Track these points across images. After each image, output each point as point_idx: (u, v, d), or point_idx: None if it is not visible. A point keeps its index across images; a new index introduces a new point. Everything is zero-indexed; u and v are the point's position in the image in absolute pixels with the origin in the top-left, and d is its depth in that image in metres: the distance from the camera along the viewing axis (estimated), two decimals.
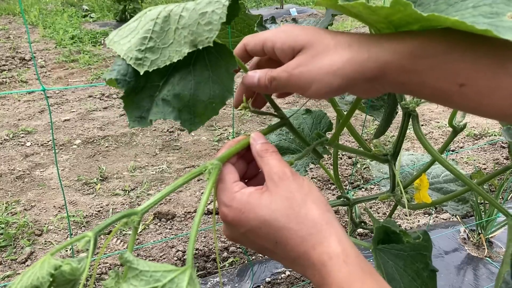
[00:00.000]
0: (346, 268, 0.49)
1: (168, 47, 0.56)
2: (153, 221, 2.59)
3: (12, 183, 2.91)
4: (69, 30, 6.06)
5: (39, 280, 0.44)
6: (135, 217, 0.50)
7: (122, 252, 0.47)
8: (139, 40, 0.57)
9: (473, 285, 2.02)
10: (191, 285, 0.46)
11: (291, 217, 0.53)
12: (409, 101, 0.93)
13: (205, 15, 0.52)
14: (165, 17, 0.56)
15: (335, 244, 0.51)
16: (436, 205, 1.05)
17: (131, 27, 0.60)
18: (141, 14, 0.61)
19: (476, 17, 0.48)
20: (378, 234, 0.85)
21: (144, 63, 0.56)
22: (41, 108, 3.95)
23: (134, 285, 0.45)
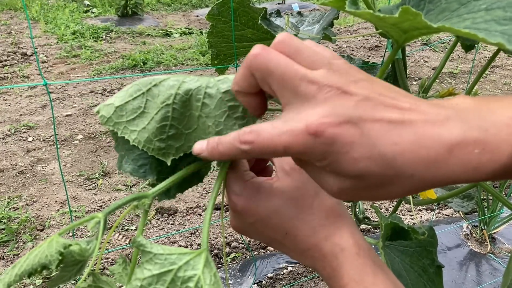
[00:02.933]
0: (359, 261, 0.48)
1: (193, 132, 0.51)
2: (155, 216, 2.58)
3: (14, 178, 2.90)
4: (70, 26, 6.04)
5: (47, 258, 0.43)
6: (146, 200, 0.49)
7: (134, 237, 0.45)
8: (157, 130, 0.51)
9: (476, 281, 2.02)
10: (208, 267, 0.45)
11: (304, 208, 0.52)
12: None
13: (237, 109, 0.49)
14: (184, 101, 0.50)
15: (348, 236, 0.50)
16: (441, 201, 1.04)
17: (134, 107, 0.52)
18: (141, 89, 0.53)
19: (488, 23, 0.47)
20: (386, 230, 0.84)
21: (169, 151, 0.52)
22: (42, 103, 3.94)
23: (148, 269, 0.44)
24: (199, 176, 0.57)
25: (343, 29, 6.47)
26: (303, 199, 0.52)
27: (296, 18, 1.06)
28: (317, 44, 0.42)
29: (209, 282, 0.43)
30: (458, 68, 4.86)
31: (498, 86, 4.49)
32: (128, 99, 0.53)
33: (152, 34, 6.10)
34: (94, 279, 0.47)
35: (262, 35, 0.92)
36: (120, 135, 0.52)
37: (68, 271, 0.45)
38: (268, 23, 0.85)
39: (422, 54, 5.29)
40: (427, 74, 4.73)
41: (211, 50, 1.01)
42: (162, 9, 7.67)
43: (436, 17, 0.57)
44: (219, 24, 0.92)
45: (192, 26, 6.64)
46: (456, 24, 0.50)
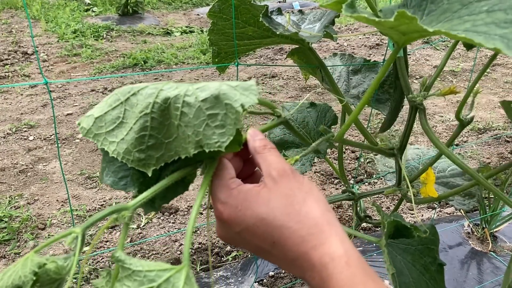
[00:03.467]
0: (349, 271, 0.47)
1: (173, 141, 0.49)
2: (156, 215, 2.58)
3: (15, 177, 2.91)
4: (71, 24, 6.04)
5: (21, 279, 0.41)
6: (126, 212, 0.47)
7: (114, 253, 0.44)
8: (136, 140, 0.49)
9: (477, 280, 2.01)
10: (188, 284, 0.44)
11: (291, 216, 0.51)
12: (416, 94, 0.92)
13: (216, 117, 0.47)
14: (162, 110, 0.48)
15: (337, 245, 0.49)
16: (442, 199, 1.04)
17: (113, 117, 0.51)
18: (120, 99, 0.52)
19: (489, 25, 0.47)
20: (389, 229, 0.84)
21: (149, 162, 0.50)
22: (43, 102, 3.94)
23: (127, 285, 0.43)
24: (184, 184, 0.55)
25: (344, 28, 6.46)
26: (291, 206, 0.51)
27: (297, 16, 1.06)
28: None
29: None
30: (459, 67, 4.85)
31: (499, 85, 4.48)
32: (107, 109, 0.52)
33: (153, 32, 6.09)
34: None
35: (264, 32, 0.92)
36: (100, 147, 0.51)
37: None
38: (269, 21, 0.84)
39: (423, 53, 5.28)
40: (428, 72, 4.72)
41: (212, 48, 1.00)
42: (163, 7, 7.66)
43: (438, 17, 0.57)
44: (220, 21, 0.92)
45: (192, 25, 6.63)
46: (456, 26, 0.50)
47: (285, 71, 4.69)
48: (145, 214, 0.52)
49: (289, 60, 1.18)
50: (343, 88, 1.25)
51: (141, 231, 2.44)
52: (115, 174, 0.53)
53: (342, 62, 1.29)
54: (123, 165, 0.53)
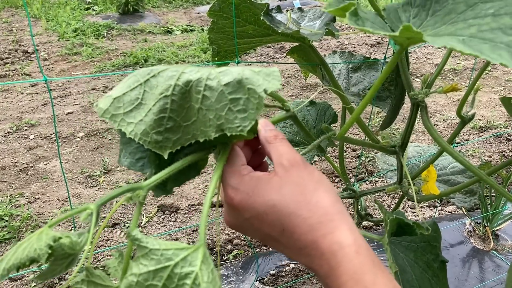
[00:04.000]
0: (358, 259, 0.47)
1: (191, 124, 0.49)
2: (157, 213, 2.58)
3: (15, 175, 2.91)
4: (72, 23, 6.03)
5: (36, 252, 0.41)
6: (141, 191, 0.47)
7: (130, 232, 0.44)
8: (154, 122, 0.49)
9: (479, 278, 2.01)
10: (205, 263, 0.44)
11: (302, 204, 0.51)
12: (417, 92, 0.92)
13: (238, 102, 0.47)
14: (183, 93, 0.48)
15: (347, 234, 0.49)
16: (443, 197, 1.04)
17: (131, 98, 0.51)
18: (139, 80, 0.51)
19: (494, 31, 0.46)
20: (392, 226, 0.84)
21: (166, 144, 0.50)
22: (44, 101, 3.94)
23: (144, 264, 0.43)
24: (196, 169, 0.55)
25: (344, 26, 6.45)
26: (302, 195, 0.51)
27: (297, 14, 1.05)
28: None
29: (207, 280, 0.42)
30: (460, 65, 4.84)
31: (500, 83, 4.47)
32: (126, 90, 0.51)
33: (153, 31, 6.09)
34: (87, 273, 0.46)
35: (264, 31, 0.92)
36: (117, 128, 0.51)
37: (59, 265, 0.44)
38: (270, 19, 0.84)
39: (424, 51, 5.28)
40: (429, 71, 4.71)
41: (211, 47, 1.00)
42: (163, 6, 7.65)
43: (442, 18, 0.56)
44: (220, 20, 0.92)
45: (193, 23, 6.62)
46: (460, 31, 0.49)
47: (286, 69, 4.68)
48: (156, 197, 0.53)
49: (290, 58, 1.18)
50: (343, 86, 1.24)
51: (142, 230, 2.44)
52: (132, 156, 0.53)
53: (342, 60, 1.29)
54: (140, 147, 0.53)
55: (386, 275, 0.48)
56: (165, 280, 0.42)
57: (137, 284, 0.42)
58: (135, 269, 0.43)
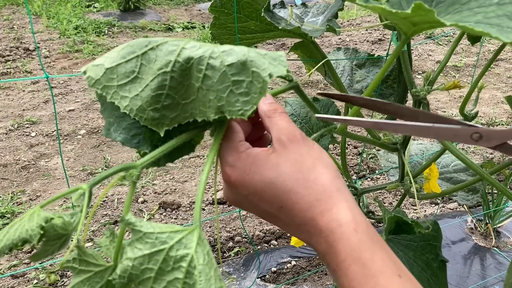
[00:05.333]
0: (356, 236, 0.47)
1: (190, 102, 0.47)
2: (159, 211, 2.58)
3: (17, 173, 2.91)
4: (73, 20, 6.03)
5: (28, 232, 0.41)
6: (134, 170, 0.46)
7: (124, 216, 0.43)
8: (152, 98, 0.47)
9: (481, 275, 2.01)
10: (201, 245, 0.43)
11: (300, 181, 0.50)
12: (420, 89, 0.91)
13: (241, 84, 0.45)
14: (183, 70, 0.46)
15: (345, 211, 0.48)
16: (446, 195, 1.03)
17: (127, 71, 0.48)
18: (136, 51, 0.49)
19: (501, 18, 0.46)
20: (390, 224, 0.83)
21: (163, 122, 0.48)
22: (45, 98, 3.94)
23: (139, 248, 0.42)
24: (191, 145, 0.54)
25: (346, 23, 6.43)
26: (300, 172, 0.51)
27: (301, 10, 1.05)
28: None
29: (203, 262, 0.42)
30: (462, 62, 4.83)
31: (502, 80, 4.46)
32: (120, 61, 0.49)
33: (155, 28, 6.08)
34: (79, 252, 0.45)
35: (266, 26, 0.91)
36: (109, 100, 0.48)
37: (51, 245, 0.44)
38: (271, 15, 0.84)
39: (426, 48, 5.26)
40: (431, 67, 4.70)
41: (214, 42, 1.00)
42: (164, 3, 7.64)
43: (446, 9, 0.56)
44: (222, 16, 0.91)
45: (194, 20, 6.61)
46: (466, 18, 0.49)
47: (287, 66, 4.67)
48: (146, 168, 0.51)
49: (291, 55, 1.17)
50: (347, 83, 1.24)
51: None
52: (127, 131, 0.51)
53: (346, 56, 1.28)
54: (135, 123, 0.51)
55: (385, 251, 0.47)
56: (160, 263, 0.42)
57: (133, 268, 0.42)
58: (130, 253, 0.42)
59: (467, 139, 0.53)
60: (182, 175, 2.94)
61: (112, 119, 0.52)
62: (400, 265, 0.47)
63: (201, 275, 0.41)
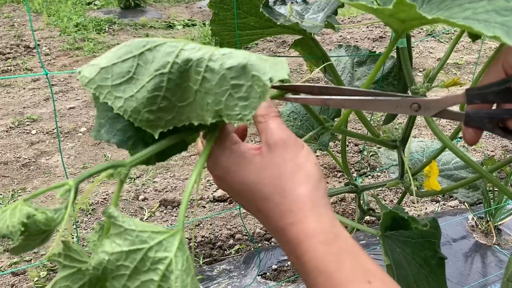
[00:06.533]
0: (323, 248, 0.47)
1: (187, 105, 0.46)
2: (159, 208, 2.58)
3: (18, 171, 2.91)
4: (73, 18, 6.02)
5: (9, 229, 0.40)
6: (122, 169, 0.46)
7: (108, 208, 0.43)
8: (148, 100, 0.46)
9: (482, 273, 2.01)
10: (181, 250, 0.42)
11: (276, 189, 0.51)
12: (419, 86, 0.91)
13: (240, 88, 0.44)
14: (181, 72, 0.45)
15: (314, 224, 0.49)
16: (446, 192, 1.03)
17: (122, 71, 0.47)
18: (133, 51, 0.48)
19: (489, 13, 0.46)
20: (385, 220, 0.83)
21: (157, 124, 0.47)
22: (46, 96, 3.94)
23: (117, 243, 0.41)
24: (184, 144, 0.54)
25: (347, 20, 6.42)
26: (279, 179, 0.51)
27: (301, 6, 1.04)
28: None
29: (181, 267, 0.41)
30: (463, 59, 4.82)
31: None
32: (116, 61, 0.48)
33: (155, 26, 6.08)
34: (64, 247, 0.45)
35: (265, 23, 0.91)
36: (102, 100, 0.47)
37: (32, 240, 0.43)
38: (269, 11, 0.83)
39: (427, 45, 5.25)
40: (432, 65, 4.69)
41: (214, 38, 0.99)
42: (165, 0, 7.63)
43: (438, 6, 0.56)
44: (221, 12, 0.91)
45: (195, 18, 6.61)
46: (455, 14, 0.49)
47: (288, 64, 4.66)
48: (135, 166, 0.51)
49: (292, 53, 1.17)
50: (347, 80, 1.23)
51: None
52: (122, 133, 0.50)
53: (347, 53, 1.28)
54: (130, 124, 0.50)
55: (356, 258, 0.47)
56: (137, 262, 0.41)
57: (108, 263, 0.41)
58: (107, 247, 0.42)
59: (408, 110, 0.56)
60: (183, 172, 2.94)
61: (103, 120, 0.51)
62: (374, 270, 0.47)
63: (177, 281, 0.41)
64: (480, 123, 0.53)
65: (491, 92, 0.51)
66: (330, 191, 1.08)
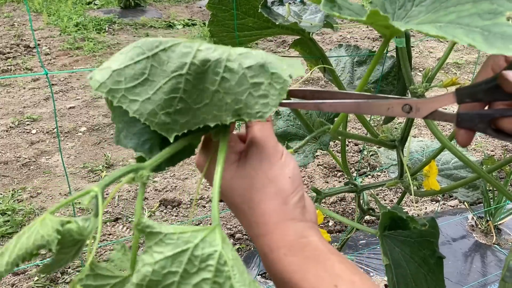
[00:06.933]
0: (287, 260, 0.48)
1: (202, 107, 0.45)
2: (159, 208, 2.59)
3: (18, 170, 2.91)
4: (73, 17, 6.02)
5: (44, 238, 0.37)
6: (144, 172, 0.44)
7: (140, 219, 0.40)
8: (165, 102, 0.45)
9: (481, 272, 2.01)
10: (225, 242, 0.41)
11: (245, 199, 0.51)
12: (418, 86, 0.91)
13: (260, 87, 0.44)
14: (198, 73, 0.44)
15: (278, 238, 0.49)
16: (446, 192, 1.03)
17: (136, 73, 0.46)
18: (145, 52, 0.47)
19: (472, 17, 0.45)
20: (384, 220, 0.83)
21: (173, 127, 0.46)
22: (46, 95, 3.94)
23: (159, 252, 0.39)
24: (191, 149, 0.53)
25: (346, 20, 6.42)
26: (249, 190, 0.51)
27: (299, 7, 1.04)
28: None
29: (232, 257, 0.40)
30: (463, 59, 4.81)
31: None
32: (128, 63, 0.46)
33: (155, 25, 6.08)
34: (91, 267, 0.42)
35: (264, 23, 0.91)
36: (116, 104, 0.45)
37: (66, 253, 0.41)
38: (268, 11, 0.83)
39: (427, 45, 5.25)
40: (432, 65, 4.69)
41: (213, 39, 1.00)
42: (165, 0, 7.63)
43: (427, 8, 0.56)
44: (219, 13, 0.91)
45: (195, 18, 6.60)
46: (441, 18, 0.49)
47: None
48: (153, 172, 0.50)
49: (292, 53, 1.17)
50: (347, 80, 1.23)
51: None
52: (138, 137, 0.49)
53: (347, 53, 1.28)
54: (146, 127, 0.49)
55: (322, 265, 0.47)
56: (185, 264, 0.39)
57: (153, 274, 0.38)
58: (148, 259, 0.39)
59: (399, 112, 0.56)
60: (183, 172, 2.94)
61: (121, 125, 0.50)
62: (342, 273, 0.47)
63: (233, 269, 0.39)
64: (471, 123, 0.53)
65: (480, 90, 0.50)
66: (330, 190, 1.08)
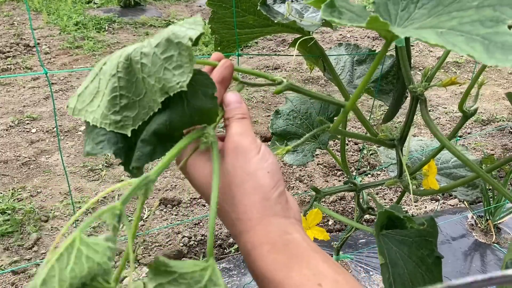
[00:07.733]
0: (269, 257, 0.47)
1: (144, 97, 0.49)
2: (159, 207, 2.59)
3: (18, 169, 2.91)
4: (73, 17, 6.02)
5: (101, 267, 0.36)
6: (151, 184, 0.47)
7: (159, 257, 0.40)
8: (109, 103, 0.49)
9: (481, 271, 2.01)
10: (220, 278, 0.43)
11: (225, 197, 0.51)
12: (417, 85, 0.91)
13: (172, 59, 0.46)
14: (126, 68, 0.49)
15: (261, 234, 0.49)
16: (445, 191, 1.03)
17: (91, 90, 0.52)
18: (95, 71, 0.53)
19: (474, 24, 0.44)
20: (381, 219, 0.83)
21: (126, 123, 0.49)
22: (46, 94, 3.94)
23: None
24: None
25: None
26: (228, 187, 0.51)
27: (301, 5, 1.04)
28: None
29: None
30: (463, 58, 4.81)
31: (503, 76, 4.44)
32: (86, 84, 0.53)
33: (155, 24, 6.07)
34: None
35: (264, 21, 0.91)
36: (84, 120, 0.52)
37: None
38: (267, 9, 0.83)
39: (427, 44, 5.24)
40: (432, 64, 4.68)
41: (213, 36, 1.00)
42: None
43: (429, 11, 0.55)
44: (220, 10, 0.91)
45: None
46: (443, 23, 0.48)
47: (288, 62, 4.67)
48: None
49: (292, 51, 1.17)
50: (347, 79, 1.23)
51: (143, 223, 2.45)
52: (93, 141, 0.53)
53: (347, 52, 1.28)
54: (101, 130, 0.52)
55: (306, 263, 0.46)
56: None
57: None
58: None
59: None
60: None
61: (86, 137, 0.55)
62: (326, 272, 0.46)
63: None
64: None
65: None
66: (329, 189, 1.08)
